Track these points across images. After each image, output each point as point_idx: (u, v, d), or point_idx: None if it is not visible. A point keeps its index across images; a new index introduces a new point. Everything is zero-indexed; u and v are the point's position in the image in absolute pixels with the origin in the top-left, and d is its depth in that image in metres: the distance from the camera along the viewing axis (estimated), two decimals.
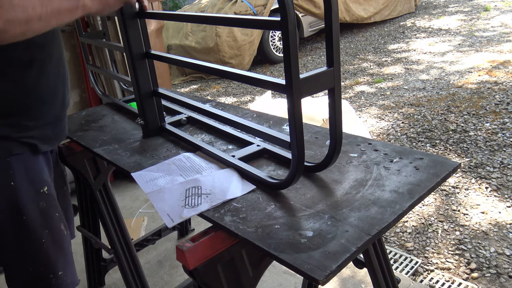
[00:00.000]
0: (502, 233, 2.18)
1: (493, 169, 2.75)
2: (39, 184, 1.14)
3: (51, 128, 1.20)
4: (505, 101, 3.66)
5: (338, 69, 0.93)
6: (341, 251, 0.81)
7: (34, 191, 1.13)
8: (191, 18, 1.22)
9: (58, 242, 1.19)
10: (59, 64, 1.19)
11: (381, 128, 3.63)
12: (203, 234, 0.94)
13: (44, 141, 1.17)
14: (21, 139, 1.10)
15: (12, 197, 1.08)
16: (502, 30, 5.97)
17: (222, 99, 5.18)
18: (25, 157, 1.12)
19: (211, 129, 1.49)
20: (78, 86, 3.15)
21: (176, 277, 2.18)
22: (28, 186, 1.11)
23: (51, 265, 1.17)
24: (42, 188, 1.15)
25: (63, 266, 1.20)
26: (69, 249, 1.24)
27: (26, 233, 1.12)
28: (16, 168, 1.09)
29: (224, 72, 1.08)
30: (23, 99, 1.10)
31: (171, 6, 11.90)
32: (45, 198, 1.15)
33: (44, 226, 1.15)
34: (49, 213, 1.16)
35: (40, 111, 1.15)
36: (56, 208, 1.20)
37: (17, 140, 1.10)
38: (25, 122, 1.11)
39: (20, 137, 1.10)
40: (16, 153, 1.09)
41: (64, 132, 1.31)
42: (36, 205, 1.13)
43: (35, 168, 1.15)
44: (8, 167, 1.08)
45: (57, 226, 1.19)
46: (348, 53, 6.21)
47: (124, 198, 3.00)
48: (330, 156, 1.03)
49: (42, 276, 1.16)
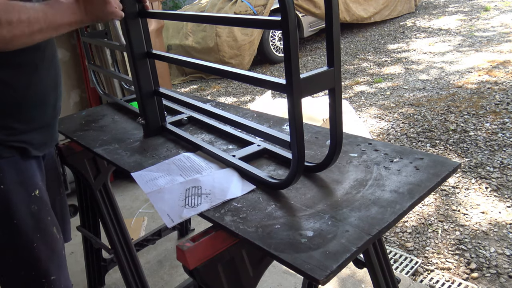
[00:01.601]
0: (502, 233, 2.18)
1: (493, 169, 2.75)
2: (30, 187, 1.14)
3: (40, 133, 1.19)
4: (505, 101, 3.66)
5: (338, 69, 0.93)
6: (341, 251, 0.81)
7: (26, 194, 1.12)
8: (192, 17, 1.22)
9: (50, 246, 1.17)
10: (51, 67, 1.19)
11: (381, 128, 3.63)
12: (203, 234, 0.94)
13: (34, 146, 1.16)
14: (10, 142, 1.10)
15: (3, 201, 1.08)
16: (502, 30, 5.97)
17: (222, 99, 5.18)
18: (15, 159, 1.11)
19: (211, 129, 1.49)
20: (78, 86, 3.15)
21: (176, 277, 2.18)
22: (19, 189, 1.11)
23: (43, 269, 1.15)
24: (34, 191, 1.14)
25: (56, 270, 1.18)
26: (61, 253, 1.22)
27: (17, 236, 1.11)
28: (6, 171, 1.09)
29: (225, 71, 1.08)
30: (13, 101, 1.10)
31: (171, 6, 11.90)
32: (36, 202, 1.14)
33: (36, 229, 1.13)
34: (40, 216, 1.15)
35: (30, 114, 1.14)
36: (49, 211, 1.19)
37: (6, 143, 1.09)
38: (15, 124, 1.11)
39: (10, 141, 1.10)
40: (5, 156, 1.09)
41: (54, 138, 1.30)
42: (27, 208, 1.12)
43: (26, 171, 1.14)
44: None
45: (49, 229, 1.18)
46: (348, 53, 6.21)
47: (124, 198, 3.00)
48: (331, 156, 1.03)
49: (34, 280, 1.15)
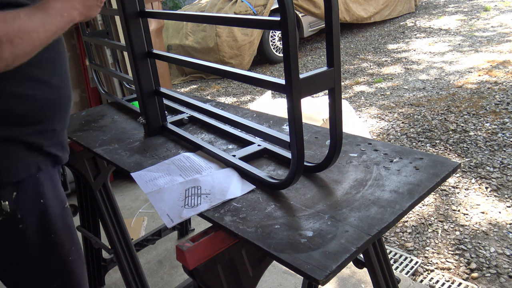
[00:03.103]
0: (502, 233, 2.18)
1: (493, 169, 2.75)
2: (63, 199, 1.11)
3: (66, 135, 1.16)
4: (505, 101, 3.66)
5: (338, 69, 0.93)
6: (341, 251, 0.81)
7: (60, 207, 1.09)
8: (192, 17, 1.22)
9: (82, 259, 1.16)
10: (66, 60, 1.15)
11: (381, 128, 3.63)
12: (203, 234, 0.94)
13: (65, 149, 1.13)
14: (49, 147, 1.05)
15: (42, 215, 1.04)
16: (501, 30, 5.97)
17: (222, 99, 5.18)
18: (50, 171, 1.07)
19: (212, 128, 1.49)
20: (78, 86, 3.15)
21: (176, 277, 2.18)
22: (55, 203, 1.07)
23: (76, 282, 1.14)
24: (65, 203, 1.11)
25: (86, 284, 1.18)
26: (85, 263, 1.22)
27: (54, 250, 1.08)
28: (45, 184, 1.05)
29: (225, 71, 1.08)
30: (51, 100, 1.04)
31: (171, 6, 11.90)
32: (68, 214, 1.13)
33: (71, 242, 1.12)
34: (72, 228, 1.13)
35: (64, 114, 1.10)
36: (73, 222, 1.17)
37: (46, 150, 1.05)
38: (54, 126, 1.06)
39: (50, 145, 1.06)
40: (43, 168, 1.05)
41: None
42: (62, 221, 1.09)
43: (58, 183, 1.11)
44: (38, 183, 1.03)
45: (79, 243, 1.17)
46: (348, 53, 6.21)
47: (124, 198, 3.00)
48: (330, 156, 1.03)
49: None
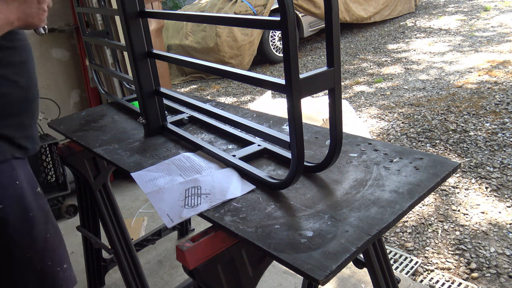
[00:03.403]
0: (502, 233, 2.18)
1: (493, 169, 2.75)
2: (34, 184, 1.21)
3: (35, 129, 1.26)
4: (505, 101, 3.66)
5: (338, 69, 0.93)
6: (341, 251, 0.81)
7: (33, 190, 1.19)
8: (192, 17, 1.22)
9: (59, 236, 1.24)
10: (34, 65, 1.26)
11: (381, 128, 3.63)
12: (203, 234, 0.94)
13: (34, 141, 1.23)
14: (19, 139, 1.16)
15: (19, 195, 1.14)
16: (501, 30, 5.97)
17: (222, 99, 5.18)
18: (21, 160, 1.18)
19: (212, 128, 1.49)
20: (78, 86, 3.15)
21: (176, 277, 2.18)
22: (27, 186, 1.17)
23: (57, 258, 1.21)
24: (37, 188, 1.21)
25: (67, 258, 1.25)
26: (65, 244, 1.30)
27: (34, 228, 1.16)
28: (18, 169, 1.15)
29: (225, 71, 1.08)
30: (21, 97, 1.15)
31: (171, 6, 11.90)
32: (41, 197, 1.22)
33: (46, 221, 1.20)
34: (46, 210, 1.22)
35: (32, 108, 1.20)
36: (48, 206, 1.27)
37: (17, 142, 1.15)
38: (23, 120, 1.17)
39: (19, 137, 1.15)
40: (17, 156, 1.15)
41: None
42: (36, 202, 1.19)
43: (29, 169, 1.22)
44: (11, 167, 1.13)
45: (54, 221, 1.26)
46: (348, 53, 6.21)
47: (124, 198, 2.99)
48: (330, 156, 1.03)
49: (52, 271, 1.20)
